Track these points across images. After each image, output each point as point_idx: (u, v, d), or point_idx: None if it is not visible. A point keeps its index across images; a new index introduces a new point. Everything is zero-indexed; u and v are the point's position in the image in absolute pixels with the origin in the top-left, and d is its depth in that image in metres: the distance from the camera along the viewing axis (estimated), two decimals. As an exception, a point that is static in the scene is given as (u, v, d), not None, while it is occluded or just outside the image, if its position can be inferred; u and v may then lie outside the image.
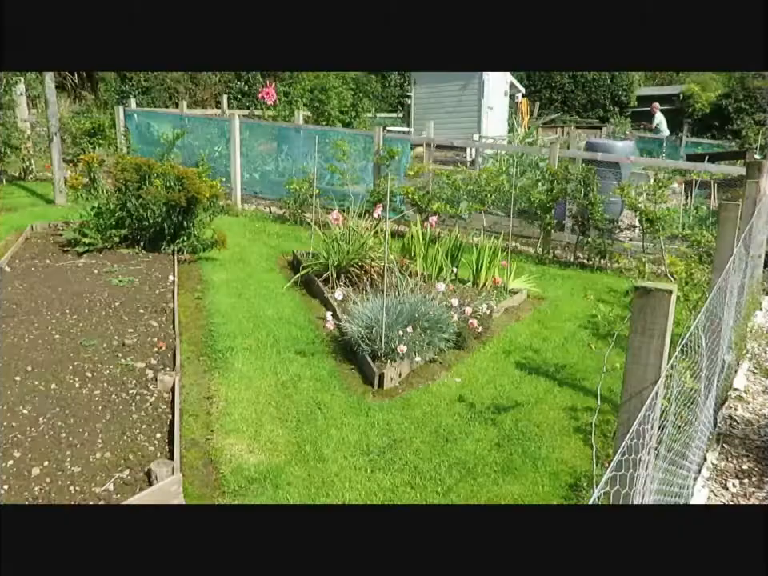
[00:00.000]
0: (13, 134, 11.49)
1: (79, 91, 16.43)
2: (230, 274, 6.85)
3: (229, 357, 4.65)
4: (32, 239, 7.83)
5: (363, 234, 6.54)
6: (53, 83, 10.14)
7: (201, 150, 11.01)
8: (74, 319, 5.12)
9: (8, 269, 6.49)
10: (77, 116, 13.51)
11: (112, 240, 7.26)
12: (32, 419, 3.57)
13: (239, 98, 18.55)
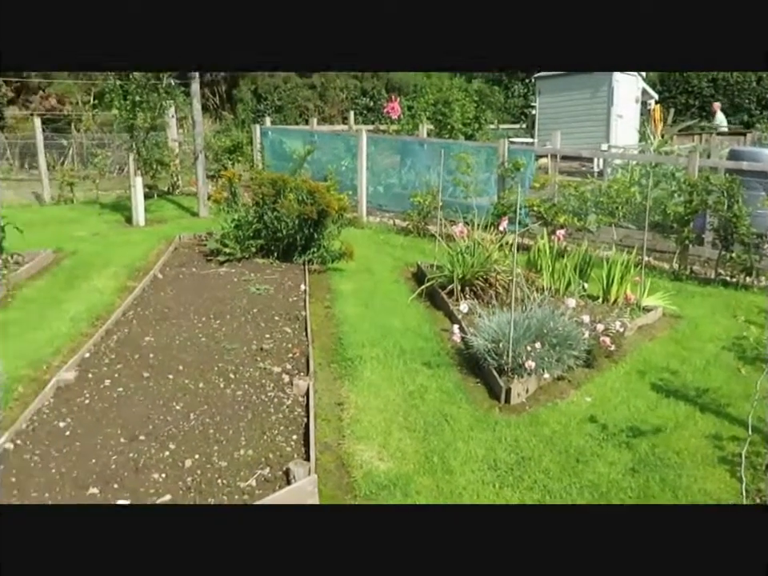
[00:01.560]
0: (164, 153, 12.57)
1: (220, 111, 17.68)
2: (356, 284, 7.08)
3: (358, 365, 4.81)
4: (180, 249, 8.53)
5: (488, 246, 6.52)
6: (199, 105, 11.01)
7: (329, 165, 11.49)
8: (217, 324, 5.52)
9: (160, 276, 7.11)
10: (218, 135, 14.55)
11: (249, 250, 7.76)
12: (184, 414, 3.90)
13: (365, 113, 19.12)
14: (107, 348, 4.95)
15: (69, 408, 3.97)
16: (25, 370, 4.63)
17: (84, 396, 4.14)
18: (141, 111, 10.80)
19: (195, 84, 10.75)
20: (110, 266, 7.61)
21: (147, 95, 10.94)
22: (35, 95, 16.01)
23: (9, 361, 4.75)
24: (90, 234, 9.60)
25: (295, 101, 18.06)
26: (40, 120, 12.84)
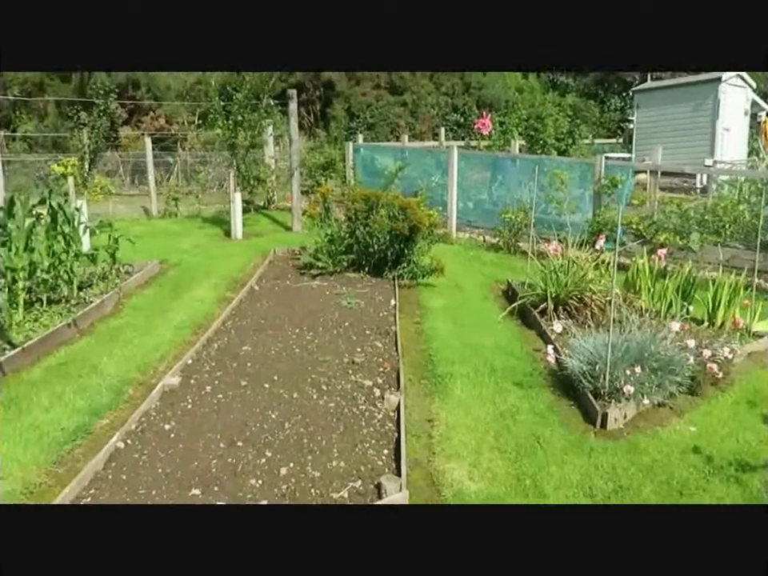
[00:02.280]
0: (261, 170, 13.12)
1: (314, 129, 18.26)
2: (446, 300, 7.07)
3: (448, 382, 4.79)
4: (274, 262, 8.84)
5: (583, 265, 6.34)
6: (296, 123, 11.42)
7: (418, 181, 11.58)
8: (310, 335, 5.67)
9: (257, 288, 7.40)
10: (311, 152, 15.03)
11: (341, 264, 7.93)
12: (279, 423, 4.02)
13: (455, 129, 19.16)
14: (208, 356, 5.19)
15: (173, 412, 4.19)
16: (134, 374, 4.93)
17: (187, 401, 4.35)
18: (242, 130, 11.33)
19: (293, 104, 11.16)
20: (211, 277, 7.99)
21: (248, 115, 11.47)
22: (146, 116, 17.15)
23: (120, 364, 5.08)
24: (193, 246, 10.13)
25: (386, 118, 18.37)
26: (150, 139, 13.73)
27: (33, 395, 4.47)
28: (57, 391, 4.54)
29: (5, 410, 4.23)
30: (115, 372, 4.93)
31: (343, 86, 18.57)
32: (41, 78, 16.41)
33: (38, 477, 3.46)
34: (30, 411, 4.23)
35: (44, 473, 3.51)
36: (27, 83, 16.34)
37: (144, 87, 17.19)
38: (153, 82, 17.48)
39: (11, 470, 3.51)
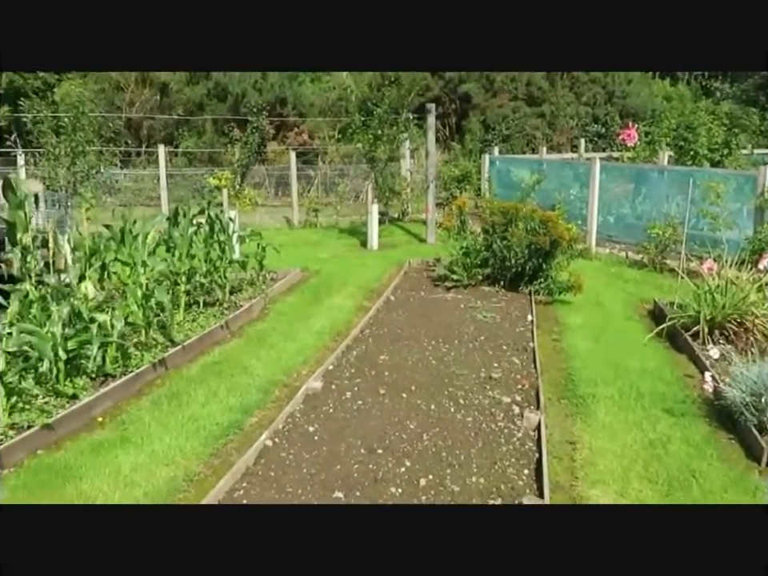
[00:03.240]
0: (396, 182, 13.39)
1: (449, 142, 18.36)
2: (585, 318, 6.79)
3: (590, 404, 4.59)
4: (409, 273, 8.97)
5: (744, 286, 5.83)
6: (434, 137, 11.54)
7: (555, 193, 11.26)
8: (446, 348, 5.68)
9: (392, 298, 7.54)
10: (446, 164, 15.10)
11: (476, 277, 7.88)
12: (417, 434, 4.06)
13: (595, 140, 18.43)
14: (347, 363, 5.36)
15: (316, 414, 4.37)
16: (280, 376, 5.20)
17: (329, 405, 4.52)
18: (381, 144, 11.64)
19: (431, 117, 11.30)
20: (348, 286, 8.26)
21: (387, 129, 11.78)
22: (291, 131, 18.14)
23: (267, 366, 5.38)
24: (331, 255, 10.53)
25: (523, 129, 18.05)
26: (294, 153, 14.50)
27: (191, 390, 4.85)
28: (212, 388, 4.89)
29: (168, 402, 4.63)
30: (263, 373, 5.23)
31: (480, 99, 18.50)
32: (201, 98, 17.90)
33: (196, 466, 3.75)
34: (189, 405, 4.59)
35: (202, 463, 3.79)
36: (189, 103, 17.89)
37: (290, 104, 18.19)
38: (298, 99, 18.45)
39: (174, 457, 3.83)
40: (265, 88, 17.80)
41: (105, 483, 3.49)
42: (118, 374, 4.84)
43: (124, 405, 4.59)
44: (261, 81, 17.78)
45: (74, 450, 3.87)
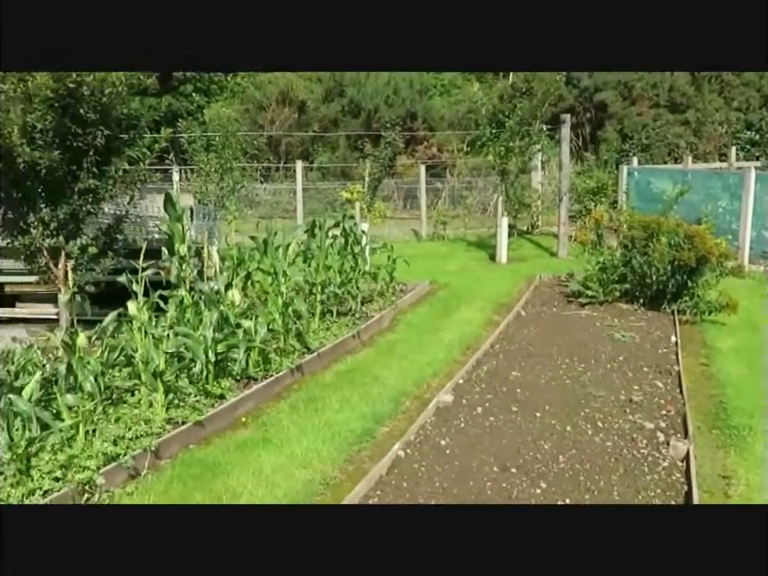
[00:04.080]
0: (526, 194, 13.13)
1: (582, 153, 17.74)
2: (738, 341, 6.25)
3: (746, 436, 4.20)
4: (540, 288, 8.74)
5: None
6: (568, 148, 11.21)
7: (701, 206, 10.49)
8: (581, 367, 5.46)
9: (523, 313, 7.38)
10: (579, 176, 14.60)
11: (613, 294, 7.52)
12: (553, 456, 3.92)
13: (747, 148, 16.99)
14: (478, 377, 5.31)
15: (447, 428, 4.36)
16: (410, 387, 5.25)
17: (460, 419, 4.49)
18: (513, 156, 11.48)
19: (566, 128, 10.98)
20: (477, 299, 8.19)
21: (519, 141, 11.60)
22: (420, 145, 18.40)
23: (398, 377, 5.46)
24: (459, 268, 10.52)
25: (664, 138, 17.04)
26: (424, 167, 14.67)
27: (326, 396, 5.02)
28: (345, 395, 5.03)
29: (305, 406, 4.82)
30: (394, 383, 5.31)
31: (617, 107, 17.72)
32: (336, 114, 18.68)
33: (332, 471, 3.86)
34: (324, 411, 4.75)
35: (337, 468, 3.91)
36: (325, 120, 18.72)
37: (420, 118, 18.47)
38: (428, 113, 18.70)
39: (312, 460, 3.98)
40: (396, 103, 18.23)
41: (249, 481, 3.69)
42: (260, 377, 5.12)
43: (264, 407, 4.84)
44: (392, 96, 18.23)
45: (222, 447, 4.13)
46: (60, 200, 5.50)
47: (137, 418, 4.08)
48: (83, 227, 5.82)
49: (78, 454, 3.51)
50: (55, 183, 5.45)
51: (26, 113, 5.27)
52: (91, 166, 5.55)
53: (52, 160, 5.24)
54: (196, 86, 25.70)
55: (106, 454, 3.56)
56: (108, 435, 3.75)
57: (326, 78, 19.80)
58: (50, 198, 5.53)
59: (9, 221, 5.58)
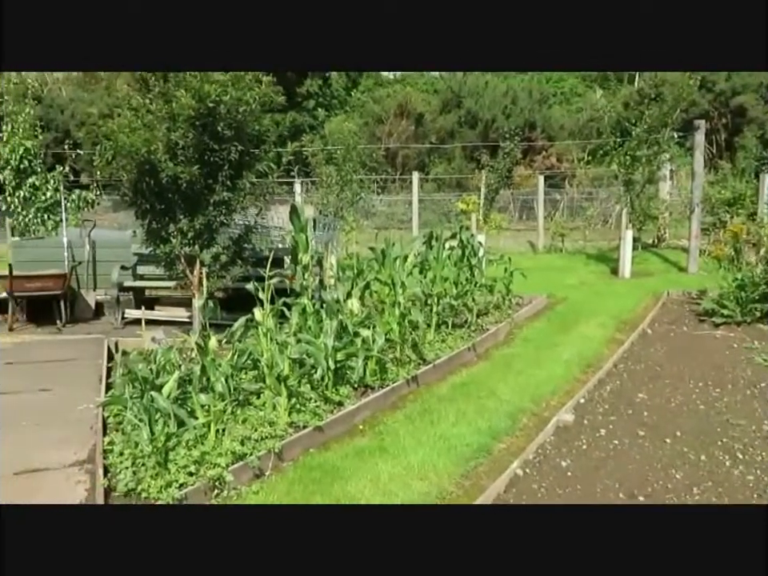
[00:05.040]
0: (652, 206, 12.45)
1: (715, 161, 16.58)
2: None
3: None
4: (668, 305, 8.23)
5: None
6: (701, 156, 10.51)
7: None
8: (717, 392, 5.07)
9: (649, 331, 6.98)
10: (712, 185, 13.64)
11: (752, 314, 6.94)
12: (685, 486, 3.66)
13: None
14: (600, 397, 5.08)
15: (568, 449, 4.20)
16: (527, 404, 5.11)
17: (581, 440, 4.31)
18: (639, 166, 10.94)
19: (699, 135, 10.31)
20: (598, 315, 7.85)
21: (646, 150, 11.03)
22: (538, 155, 18.00)
23: (514, 392, 5.34)
24: (578, 282, 10.15)
25: (813, 144, 15.56)
26: (542, 177, 14.33)
27: (442, 409, 4.99)
28: (461, 409, 4.99)
29: (420, 417, 4.83)
30: (510, 399, 5.19)
31: (758, 111, 16.42)
32: (452, 126, 18.72)
33: (448, 485, 3.83)
34: (439, 423, 4.73)
35: (453, 483, 3.87)
36: (442, 131, 18.81)
37: (539, 128, 18.09)
38: (547, 122, 18.27)
39: (427, 473, 3.97)
40: (514, 112, 17.98)
41: (366, 488, 3.74)
42: (377, 386, 5.20)
43: (380, 415, 4.90)
44: (510, 106, 17.99)
45: (340, 453, 4.23)
46: (197, 211, 5.90)
47: (261, 419, 4.26)
48: (216, 237, 6.20)
49: (209, 451, 3.72)
50: (193, 196, 5.85)
51: (170, 131, 5.71)
52: (225, 179, 5.91)
53: (192, 174, 5.63)
54: (318, 101, 26.79)
55: (234, 452, 3.74)
56: (236, 435, 3.95)
57: (443, 90, 19.88)
58: (189, 210, 5.94)
59: (152, 230, 6.06)
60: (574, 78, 31.14)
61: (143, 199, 5.88)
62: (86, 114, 25.51)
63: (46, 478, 3.87)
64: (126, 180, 5.75)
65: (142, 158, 5.57)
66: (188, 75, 5.63)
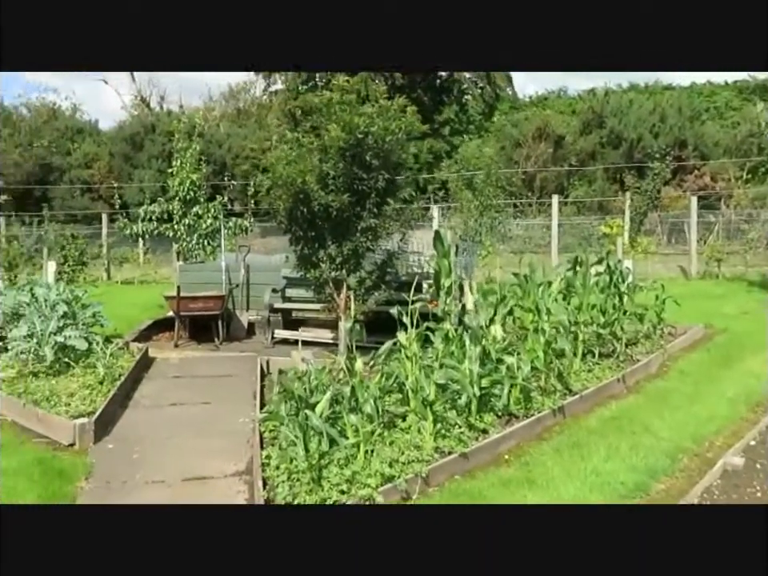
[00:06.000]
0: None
1: None
2: None
3: None
4: None
5: None
6: None
7: None
8: None
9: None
10: None
11: None
12: None
13: None
14: (774, 440, 4.59)
15: (739, 495, 3.82)
16: (687, 443, 4.74)
17: (754, 487, 3.92)
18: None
19: None
20: (765, 349, 7.13)
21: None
22: (689, 174, 16.87)
23: (672, 429, 4.98)
24: (739, 311, 9.33)
25: None
26: (695, 198, 13.39)
27: (591, 443, 4.77)
28: (612, 443, 4.73)
29: (569, 450, 4.64)
30: (668, 436, 4.85)
31: None
32: (594, 147, 18.11)
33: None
34: (590, 457, 4.51)
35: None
36: (582, 153, 18.26)
37: (691, 146, 16.98)
38: (700, 139, 17.12)
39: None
40: (662, 131, 17.02)
41: (515, 520, 3.65)
42: (521, 415, 5.08)
43: (526, 446, 4.77)
44: (659, 124, 17.07)
45: (486, 481, 4.16)
46: (345, 238, 6.16)
47: (408, 443, 4.31)
48: (362, 262, 6.42)
49: (359, 471, 3.83)
50: (342, 223, 6.12)
51: (322, 162, 6.03)
52: (372, 206, 6.12)
53: (341, 202, 5.90)
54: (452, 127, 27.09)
55: (383, 474, 3.82)
56: (384, 457, 4.02)
57: (583, 111, 19.31)
58: (337, 236, 6.21)
59: (304, 256, 6.40)
60: (729, 90, 28.86)
61: (297, 226, 6.24)
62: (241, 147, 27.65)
63: (210, 486, 4.18)
64: (282, 209, 6.13)
65: (296, 188, 5.92)
66: (338, 109, 5.94)
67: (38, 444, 4.87)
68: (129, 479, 4.27)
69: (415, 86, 28.12)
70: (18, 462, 4.45)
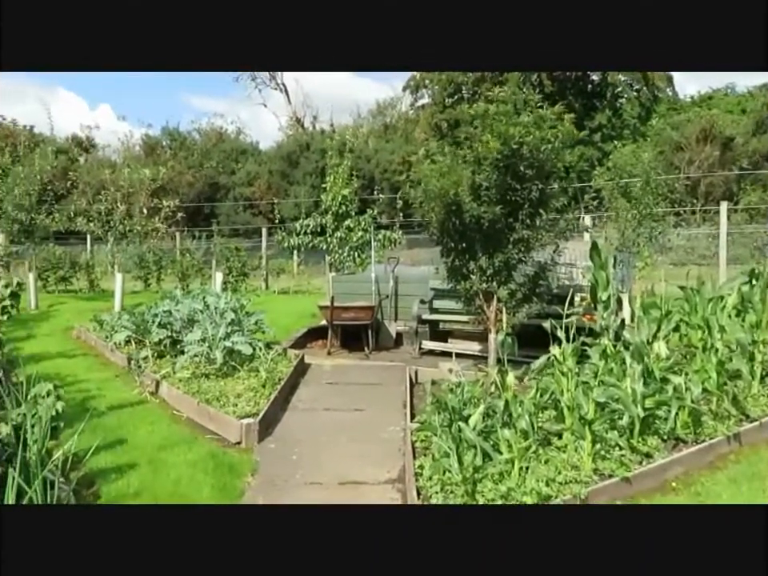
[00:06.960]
0: None
1: None
2: None
3: None
4: None
5: None
6: None
7: None
8: None
9: None
10: None
11: None
12: None
13: None
14: None
15: None
16: None
17: None
18: None
19: None
20: None
21: None
22: None
23: None
24: None
25: None
26: None
27: None
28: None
29: (748, 482, 4.20)
30: None
31: None
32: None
33: None
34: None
35: None
36: (755, 155, 16.61)
37: None
38: None
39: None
40: None
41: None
42: (690, 441, 4.68)
43: (696, 474, 4.39)
44: None
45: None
46: (497, 249, 6.07)
47: (564, 462, 4.14)
48: (513, 274, 6.30)
49: (514, 488, 3.73)
50: (494, 234, 6.05)
51: (475, 174, 6.01)
52: (525, 217, 5.99)
53: (494, 214, 5.84)
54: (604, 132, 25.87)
55: (539, 493, 3.69)
56: (540, 475, 3.89)
57: (756, 109, 17.58)
58: (488, 248, 6.15)
59: (454, 267, 6.41)
60: None
61: (448, 238, 6.27)
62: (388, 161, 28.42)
63: (364, 491, 4.29)
64: (434, 221, 6.19)
65: (449, 200, 5.95)
66: (494, 119, 5.89)
67: (209, 440, 5.29)
68: (290, 478, 4.51)
69: (565, 92, 27.27)
70: (195, 454, 4.87)
